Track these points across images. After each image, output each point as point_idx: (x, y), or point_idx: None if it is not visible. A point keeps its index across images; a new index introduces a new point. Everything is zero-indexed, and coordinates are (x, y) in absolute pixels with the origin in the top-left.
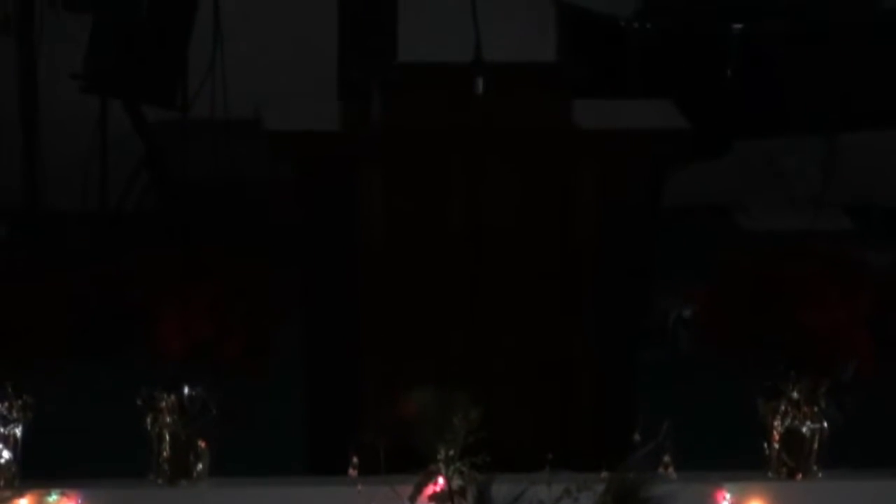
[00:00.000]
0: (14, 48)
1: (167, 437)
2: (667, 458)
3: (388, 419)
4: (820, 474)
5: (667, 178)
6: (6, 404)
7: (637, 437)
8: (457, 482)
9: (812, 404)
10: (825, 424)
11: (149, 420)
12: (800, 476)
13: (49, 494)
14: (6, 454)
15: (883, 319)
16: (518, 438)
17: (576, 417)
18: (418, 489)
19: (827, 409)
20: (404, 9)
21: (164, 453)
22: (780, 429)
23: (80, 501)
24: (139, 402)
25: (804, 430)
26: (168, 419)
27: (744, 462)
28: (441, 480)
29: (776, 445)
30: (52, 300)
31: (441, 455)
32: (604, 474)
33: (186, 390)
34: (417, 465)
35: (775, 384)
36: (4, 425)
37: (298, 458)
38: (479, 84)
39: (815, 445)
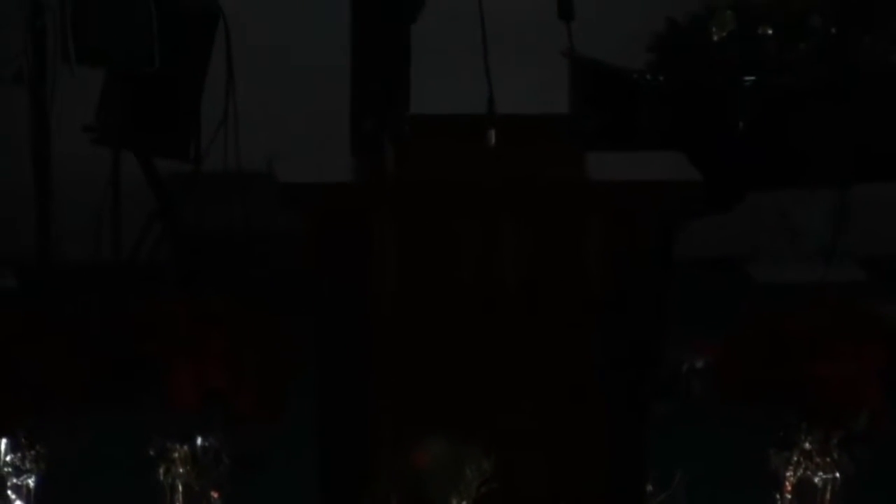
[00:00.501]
0: (27, 100)
1: (180, 488)
2: None
3: (400, 470)
4: None
5: (678, 230)
6: (19, 455)
7: (650, 487)
8: None
9: (825, 455)
10: (838, 475)
11: (161, 471)
12: None
13: None
14: None
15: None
16: (530, 489)
17: (588, 468)
18: None
19: (839, 460)
20: (417, 61)
21: None
22: (792, 479)
23: None
24: (152, 453)
25: (817, 480)
26: (181, 470)
27: None
28: None
29: (788, 496)
30: (65, 351)
31: None
32: None
33: (199, 441)
34: None
35: (788, 434)
36: (17, 476)
37: None
38: (492, 136)
39: (828, 496)
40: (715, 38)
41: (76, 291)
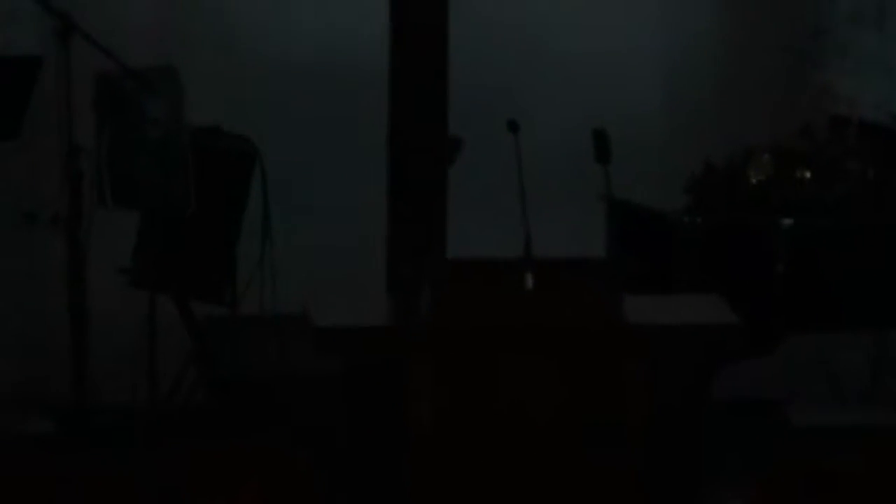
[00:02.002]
0: (63, 243)
1: None
2: None
3: None
4: None
5: (717, 372)
6: None
7: None
8: None
9: None
10: None
11: None
12: None
13: None
14: None
15: None
16: None
17: None
18: None
19: None
20: (453, 204)
21: None
22: None
23: None
24: None
25: None
26: None
27: None
28: None
29: None
30: (102, 493)
31: None
32: None
33: None
34: None
35: None
36: None
37: None
38: (529, 280)
39: None
40: (753, 180)
41: (113, 435)
